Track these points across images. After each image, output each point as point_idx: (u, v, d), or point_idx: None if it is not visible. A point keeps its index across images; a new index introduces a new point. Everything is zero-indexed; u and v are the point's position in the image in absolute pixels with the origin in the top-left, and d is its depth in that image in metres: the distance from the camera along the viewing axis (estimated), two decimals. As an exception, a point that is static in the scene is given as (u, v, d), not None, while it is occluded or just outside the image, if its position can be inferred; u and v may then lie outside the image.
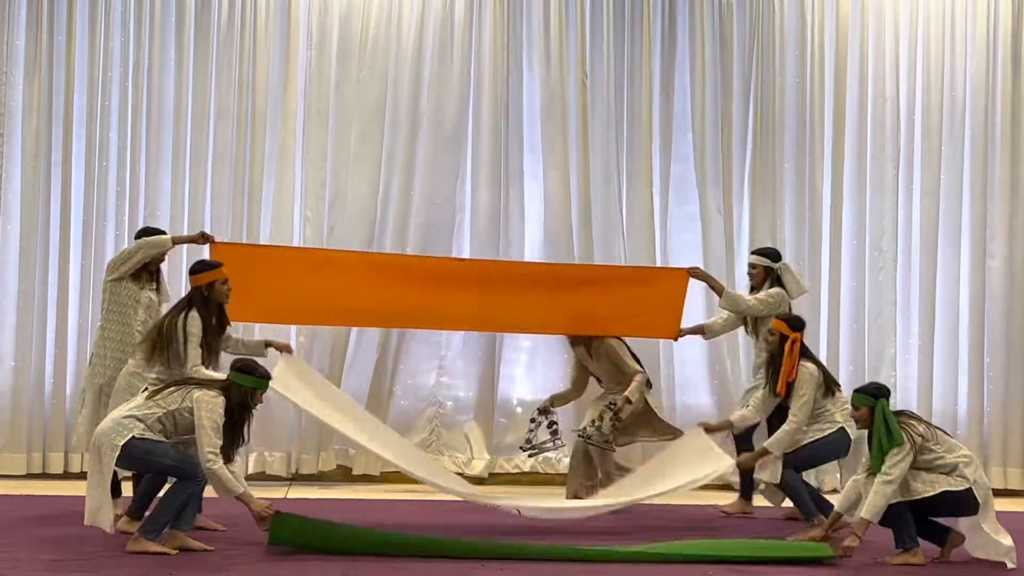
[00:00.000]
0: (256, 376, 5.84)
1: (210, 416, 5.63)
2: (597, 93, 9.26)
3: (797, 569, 5.94)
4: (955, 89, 9.59)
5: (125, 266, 6.67)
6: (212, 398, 5.69)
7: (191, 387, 5.78)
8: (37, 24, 8.91)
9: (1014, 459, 9.37)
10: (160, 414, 5.71)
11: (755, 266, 7.83)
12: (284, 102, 9.05)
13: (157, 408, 5.72)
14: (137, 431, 5.65)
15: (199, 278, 6.40)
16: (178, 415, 5.72)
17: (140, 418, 5.69)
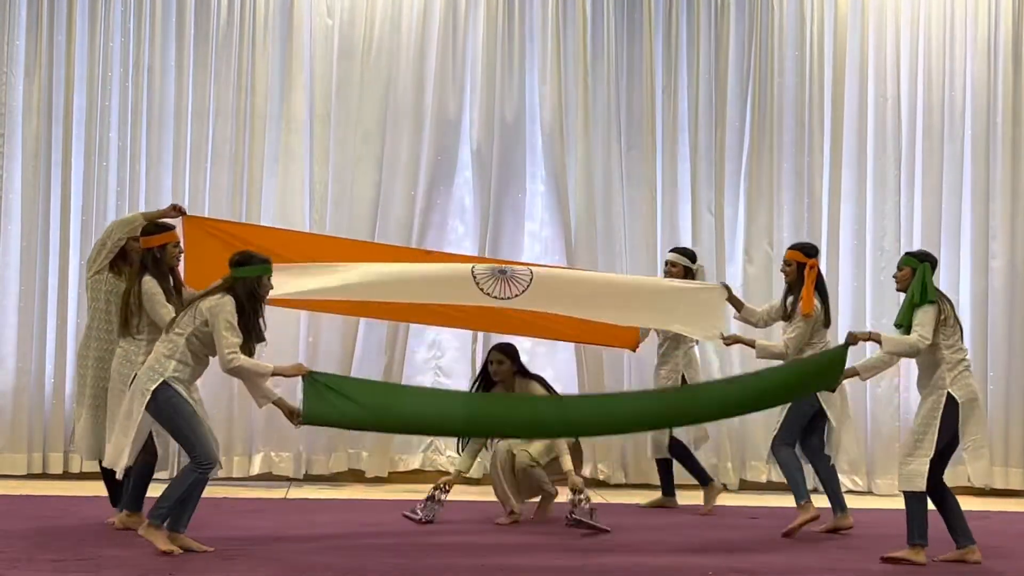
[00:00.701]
0: (257, 263, 5.76)
1: (222, 317, 5.56)
2: (597, 93, 9.26)
3: (809, 567, 5.95)
4: (955, 89, 9.59)
5: (102, 254, 6.36)
6: (218, 300, 5.62)
7: (196, 303, 5.73)
8: (37, 24, 8.91)
9: (1014, 459, 9.37)
10: (182, 341, 5.63)
11: (675, 264, 7.78)
12: (285, 102, 9.06)
13: (177, 336, 5.64)
14: (169, 370, 5.61)
15: (150, 240, 6.18)
16: (198, 334, 5.63)
17: (168, 354, 5.63)
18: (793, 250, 7.21)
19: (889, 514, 8.08)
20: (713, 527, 7.18)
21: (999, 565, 6.22)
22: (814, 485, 7.36)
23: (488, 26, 9.19)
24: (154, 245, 6.17)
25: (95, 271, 6.37)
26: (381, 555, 5.91)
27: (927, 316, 6.23)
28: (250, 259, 5.76)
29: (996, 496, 9.22)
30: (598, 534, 6.66)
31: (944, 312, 6.25)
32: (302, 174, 9.06)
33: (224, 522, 6.77)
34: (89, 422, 6.36)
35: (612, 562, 5.90)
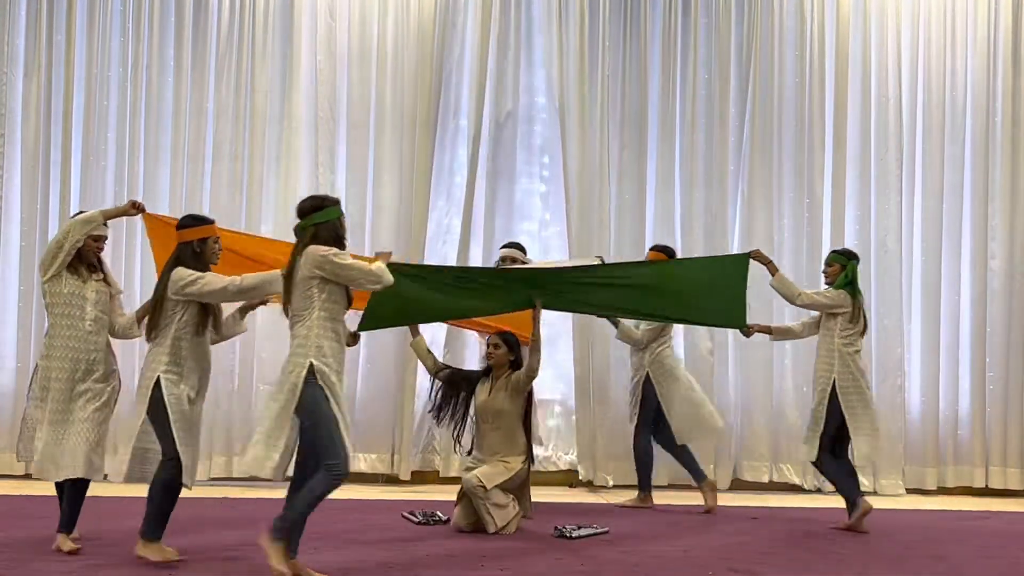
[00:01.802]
0: (330, 205, 5.29)
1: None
2: (596, 93, 9.26)
3: (809, 567, 5.95)
4: (956, 89, 9.60)
5: (59, 257, 5.78)
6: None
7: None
8: (36, 24, 8.91)
9: (1014, 459, 9.38)
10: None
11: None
12: (285, 101, 9.05)
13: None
14: (320, 361, 5.06)
15: (189, 232, 5.65)
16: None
17: (313, 346, 5.10)
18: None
19: (892, 514, 8.09)
20: (713, 527, 7.18)
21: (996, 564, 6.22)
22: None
23: (487, 27, 9.19)
24: (193, 239, 5.64)
25: (53, 274, 5.80)
26: (380, 555, 5.90)
27: (832, 294, 7.17)
28: (323, 202, 5.32)
29: (996, 496, 9.23)
30: (597, 535, 6.66)
31: (854, 308, 7.14)
32: (303, 173, 9.05)
33: (224, 522, 6.76)
34: (51, 436, 5.71)
35: (612, 562, 5.89)
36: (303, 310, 5.14)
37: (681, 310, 7.11)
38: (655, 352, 7.82)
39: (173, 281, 5.47)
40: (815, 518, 7.61)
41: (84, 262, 5.88)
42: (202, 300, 5.52)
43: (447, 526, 6.86)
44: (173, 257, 5.61)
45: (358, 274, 5.18)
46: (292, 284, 5.18)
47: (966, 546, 6.74)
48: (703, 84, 9.37)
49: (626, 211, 9.26)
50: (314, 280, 5.13)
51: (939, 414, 9.41)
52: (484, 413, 6.81)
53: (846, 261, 7.28)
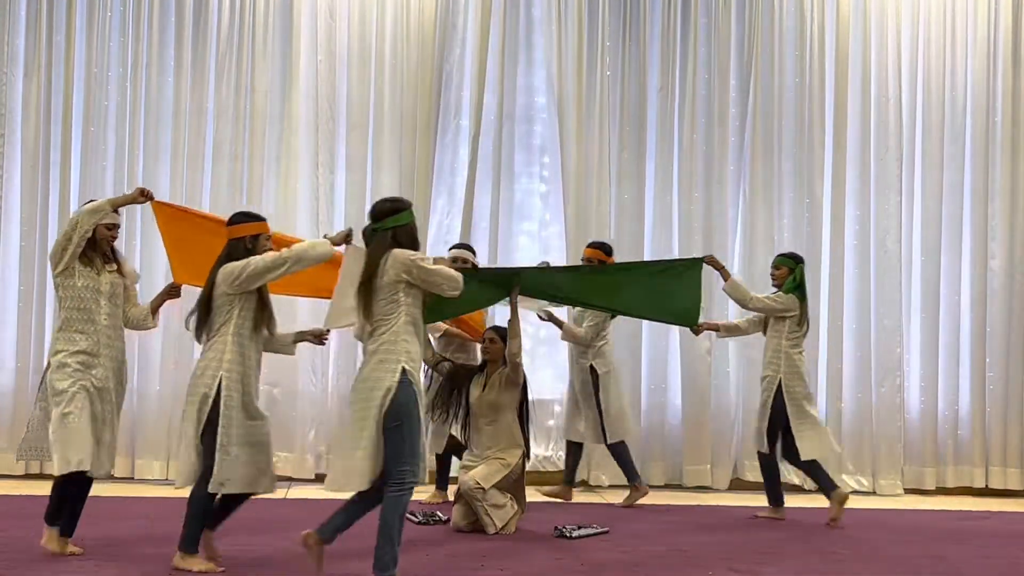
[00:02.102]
0: (403, 208, 5.26)
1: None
2: (595, 93, 9.26)
3: (809, 567, 5.95)
4: (955, 88, 9.60)
5: (69, 249, 5.57)
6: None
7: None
8: (36, 24, 8.90)
9: (1014, 459, 9.39)
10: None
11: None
12: (285, 102, 9.05)
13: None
14: (410, 363, 5.00)
15: (241, 228, 5.52)
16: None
17: (405, 349, 5.03)
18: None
19: (892, 514, 8.10)
20: (713, 527, 7.18)
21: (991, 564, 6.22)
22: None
23: (487, 27, 9.19)
24: (245, 235, 5.51)
25: (64, 267, 5.60)
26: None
27: (784, 298, 7.45)
28: (401, 205, 5.27)
29: (996, 496, 9.23)
30: (597, 535, 6.66)
31: (802, 311, 7.48)
32: (303, 174, 9.05)
33: (224, 522, 6.75)
34: (62, 434, 5.46)
35: (612, 563, 5.89)
36: (389, 315, 5.06)
37: (643, 307, 7.36)
38: (597, 348, 7.87)
39: (223, 278, 5.34)
40: (815, 518, 7.61)
41: (98, 252, 5.70)
42: (258, 283, 5.36)
43: (447, 526, 6.86)
44: (224, 254, 5.47)
45: (442, 279, 5.14)
46: (372, 288, 5.07)
47: (966, 546, 6.75)
48: (703, 84, 9.37)
49: (626, 211, 9.26)
50: (400, 284, 5.06)
51: (938, 414, 9.42)
52: (479, 408, 6.82)
53: (794, 265, 7.59)
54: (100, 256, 5.70)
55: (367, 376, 5.03)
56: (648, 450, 9.15)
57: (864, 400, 9.27)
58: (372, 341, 5.07)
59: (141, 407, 8.81)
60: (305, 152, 9.07)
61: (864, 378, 9.30)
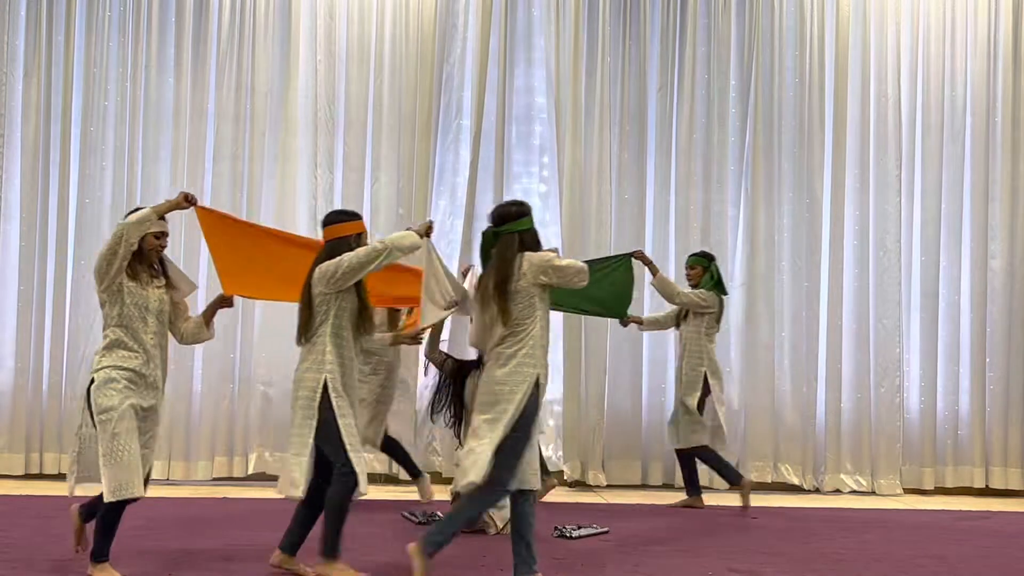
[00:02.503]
0: (527, 212, 5.20)
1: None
2: (595, 93, 9.26)
3: (810, 567, 5.95)
4: (955, 88, 9.60)
5: (115, 264, 5.18)
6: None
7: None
8: (36, 24, 8.90)
9: (1014, 459, 9.39)
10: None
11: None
12: (284, 103, 9.04)
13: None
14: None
15: (343, 227, 5.36)
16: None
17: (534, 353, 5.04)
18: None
19: (891, 514, 8.10)
20: (713, 527, 7.18)
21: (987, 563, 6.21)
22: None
23: (487, 28, 9.19)
24: (348, 234, 5.35)
25: (110, 283, 5.19)
26: (381, 555, 5.90)
27: (706, 295, 7.76)
28: (526, 209, 5.23)
29: (996, 496, 9.23)
30: (597, 535, 6.66)
31: (720, 307, 7.83)
32: (301, 174, 9.05)
33: (224, 522, 6.76)
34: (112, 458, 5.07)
35: (612, 563, 5.89)
36: (526, 319, 5.02)
37: (578, 302, 7.57)
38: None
39: (319, 278, 5.20)
40: (815, 518, 7.61)
41: (144, 265, 5.31)
42: (354, 279, 5.21)
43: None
44: (323, 254, 5.31)
45: (573, 273, 5.05)
46: (507, 292, 5.01)
47: (966, 546, 6.74)
48: (703, 84, 9.38)
49: (626, 211, 9.25)
50: (537, 287, 5.03)
51: (938, 414, 9.42)
52: (475, 405, 6.80)
53: (707, 263, 7.93)
54: (147, 269, 5.33)
55: (502, 379, 4.99)
56: (648, 450, 9.16)
57: (863, 400, 9.28)
58: (507, 344, 5.01)
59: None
60: (304, 152, 9.07)
61: (863, 378, 9.30)
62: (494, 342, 5.05)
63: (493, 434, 4.93)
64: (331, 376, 5.14)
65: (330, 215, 5.49)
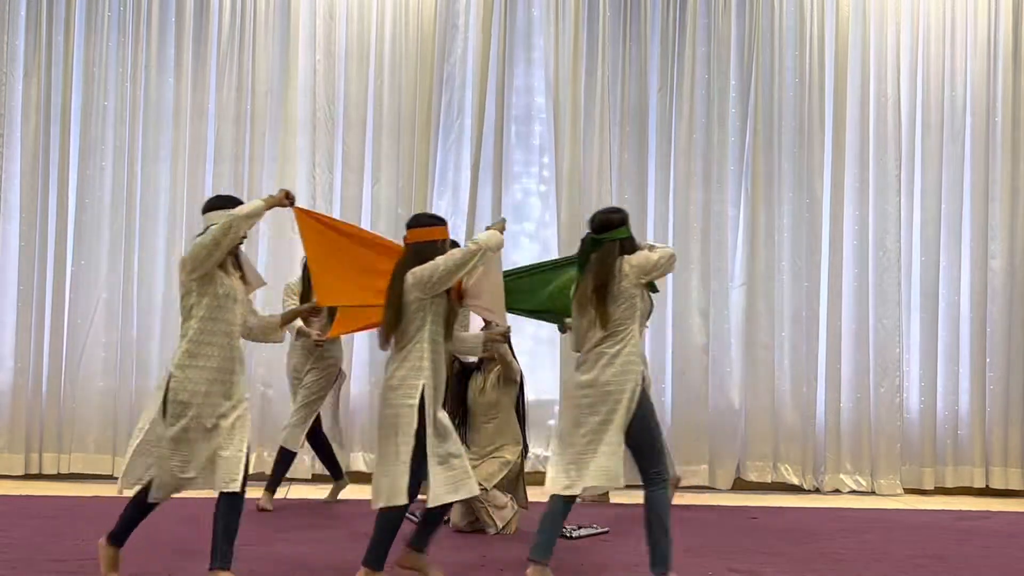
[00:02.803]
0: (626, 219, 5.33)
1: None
2: (595, 93, 9.25)
3: (810, 567, 5.95)
4: (955, 88, 9.60)
5: (215, 255, 4.99)
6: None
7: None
8: (36, 24, 8.90)
9: (1014, 459, 9.38)
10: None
11: None
12: (284, 102, 9.04)
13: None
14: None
15: (430, 231, 5.27)
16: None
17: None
18: None
19: (891, 514, 8.10)
20: (713, 527, 7.18)
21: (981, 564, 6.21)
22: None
23: (488, 28, 9.18)
24: (436, 238, 5.29)
25: (204, 271, 5.01)
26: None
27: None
28: (625, 216, 5.40)
29: (996, 496, 9.23)
30: (597, 535, 6.66)
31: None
32: (301, 175, 9.05)
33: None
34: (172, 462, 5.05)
35: (612, 563, 5.89)
36: (627, 319, 5.18)
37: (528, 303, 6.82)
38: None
39: (415, 283, 5.12)
40: (815, 518, 7.61)
41: (231, 256, 5.17)
42: (450, 283, 5.16)
43: (447, 526, 6.85)
44: (409, 257, 5.22)
45: (668, 260, 5.26)
46: (607, 296, 5.17)
47: (966, 546, 6.74)
48: (703, 84, 9.37)
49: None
50: (637, 288, 5.21)
51: (938, 414, 9.42)
52: (478, 408, 6.83)
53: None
54: (232, 260, 5.19)
55: (609, 379, 5.13)
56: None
57: (863, 400, 9.28)
58: (607, 345, 5.16)
59: (141, 407, 8.78)
60: (304, 152, 9.07)
61: (863, 378, 9.29)
62: (592, 344, 5.21)
63: (609, 436, 5.09)
64: (427, 382, 5.11)
65: (417, 218, 5.44)
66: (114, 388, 8.76)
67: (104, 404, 8.76)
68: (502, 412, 6.81)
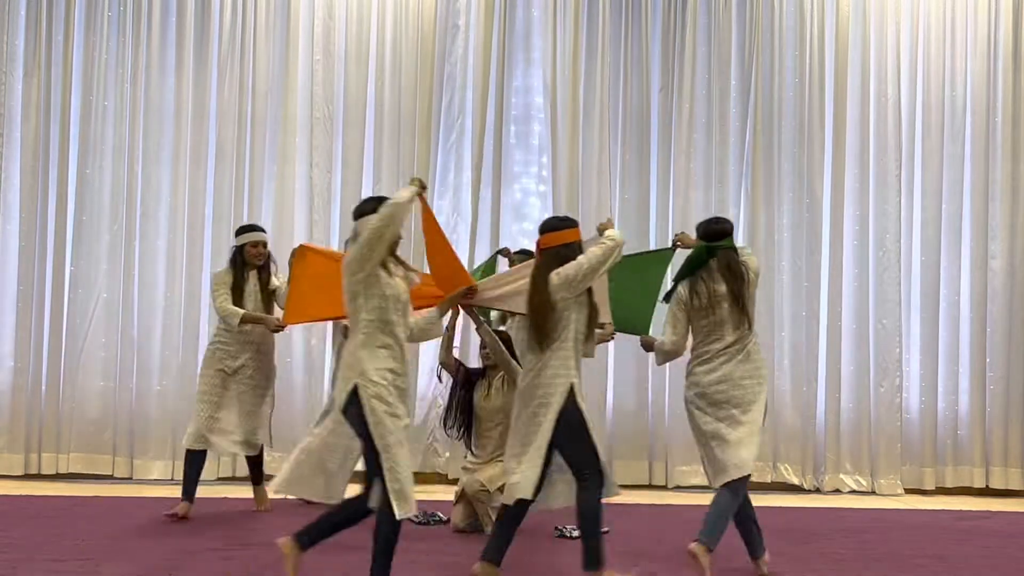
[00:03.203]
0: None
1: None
2: (595, 93, 9.25)
3: (810, 567, 5.95)
4: (955, 89, 9.60)
5: (378, 250, 4.72)
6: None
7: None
8: (36, 24, 8.89)
9: (1014, 459, 9.39)
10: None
11: None
12: (285, 104, 9.04)
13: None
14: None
15: (568, 234, 5.26)
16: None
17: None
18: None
19: (891, 514, 8.09)
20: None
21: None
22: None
23: (489, 28, 9.19)
24: (573, 240, 5.27)
25: (371, 269, 4.73)
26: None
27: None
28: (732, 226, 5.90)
29: (996, 496, 9.23)
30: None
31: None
32: (301, 175, 9.05)
33: (224, 522, 6.75)
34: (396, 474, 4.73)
35: (612, 563, 5.88)
36: (742, 324, 5.63)
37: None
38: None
39: (562, 284, 5.11)
40: (815, 518, 7.61)
41: (392, 256, 4.91)
42: (592, 280, 5.21)
43: (447, 526, 6.85)
44: (550, 260, 5.19)
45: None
46: (747, 299, 5.62)
47: (966, 546, 6.74)
48: (703, 84, 9.38)
49: (627, 211, 9.25)
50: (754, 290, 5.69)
51: (938, 414, 9.42)
52: (484, 414, 6.80)
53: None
54: (393, 258, 4.92)
55: (749, 373, 5.57)
56: (651, 451, 9.16)
57: (863, 400, 9.28)
58: (746, 341, 5.59)
59: (141, 407, 8.81)
60: (305, 152, 9.06)
61: (863, 378, 9.29)
62: (726, 343, 5.58)
63: (754, 424, 5.59)
64: (576, 380, 5.18)
65: (549, 223, 5.38)
66: (113, 388, 8.76)
67: (104, 404, 8.76)
68: (507, 418, 6.78)
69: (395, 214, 4.72)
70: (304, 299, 6.04)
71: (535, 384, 5.18)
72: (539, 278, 5.18)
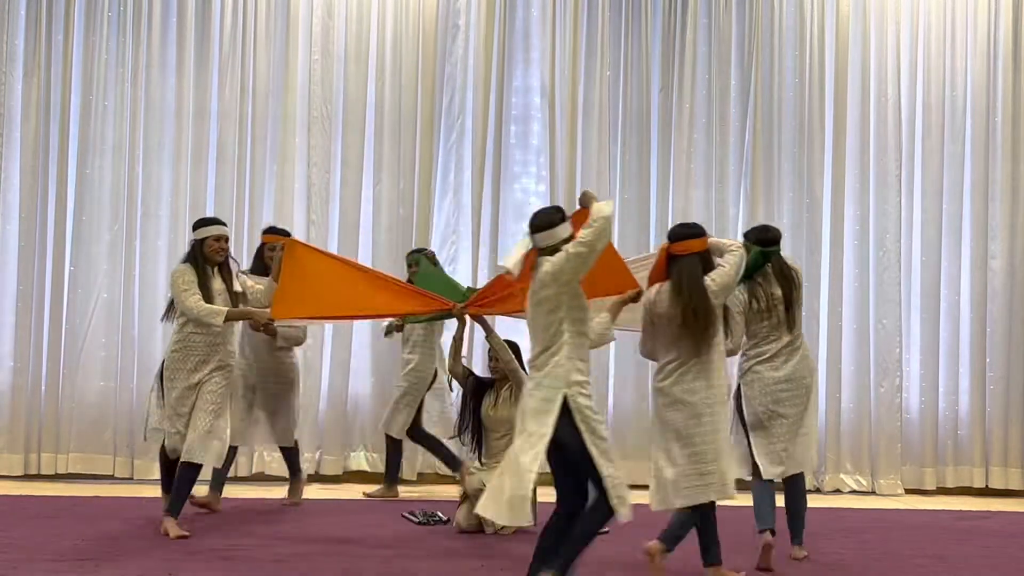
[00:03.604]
0: None
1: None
2: (595, 93, 9.25)
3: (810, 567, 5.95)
4: (955, 89, 9.60)
5: (591, 259, 4.67)
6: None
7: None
8: (36, 23, 8.89)
9: (1014, 459, 9.38)
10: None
11: None
12: (284, 104, 9.04)
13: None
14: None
15: (701, 242, 5.31)
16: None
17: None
18: None
19: (892, 514, 8.09)
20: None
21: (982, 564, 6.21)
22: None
23: (490, 28, 9.19)
24: (706, 248, 5.32)
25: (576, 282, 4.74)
26: (381, 555, 5.90)
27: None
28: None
29: (996, 496, 9.23)
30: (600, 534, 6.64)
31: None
32: (301, 175, 9.04)
33: (224, 522, 6.75)
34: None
35: (612, 563, 5.89)
36: (795, 326, 6.03)
37: None
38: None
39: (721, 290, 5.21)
40: (815, 518, 7.59)
41: None
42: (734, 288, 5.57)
43: (447, 526, 6.85)
44: (700, 266, 5.22)
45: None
46: (795, 302, 5.99)
47: (966, 546, 6.74)
48: (703, 84, 9.38)
49: (627, 211, 9.25)
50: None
51: (938, 414, 9.41)
52: (492, 424, 6.77)
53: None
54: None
55: (801, 373, 5.89)
56: (651, 451, 9.13)
57: (863, 400, 9.27)
58: (796, 342, 5.95)
59: (141, 407, 8.79)
60: (305, 152, 9.06)
61: (863, 378, 9.29)
62: (783, 343, 5.93)
63: (808, 419, 5.87)
64: (728, 382, 5.44)
65: (680, 230, 5.36)
66: (113, 388, 8.74)
67: (103, 404, 8.74)
68: (514, 429, 6.74)
69: (608, 228, 4.70)
70: (294, 295, 6.07)
71: (688, 389, 5.23)
72: (693, 286, 5.13)
